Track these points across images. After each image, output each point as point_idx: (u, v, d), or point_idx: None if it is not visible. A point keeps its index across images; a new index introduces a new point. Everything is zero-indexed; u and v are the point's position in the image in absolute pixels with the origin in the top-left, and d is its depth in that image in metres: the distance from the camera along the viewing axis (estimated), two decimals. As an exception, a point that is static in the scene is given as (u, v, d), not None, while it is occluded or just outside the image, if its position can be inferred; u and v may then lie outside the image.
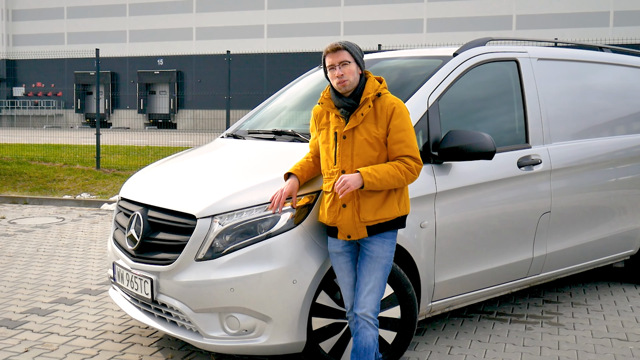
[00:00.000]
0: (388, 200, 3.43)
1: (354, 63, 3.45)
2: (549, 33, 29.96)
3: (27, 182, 12.29)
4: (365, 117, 3.43)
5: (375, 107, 3.45)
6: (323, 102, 3.57)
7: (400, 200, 3.48)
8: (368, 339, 3.43)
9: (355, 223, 3.42)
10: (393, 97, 3.50)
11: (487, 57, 4.64)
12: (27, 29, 41.38)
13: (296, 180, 3.63)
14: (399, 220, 3.49)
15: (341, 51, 3.44)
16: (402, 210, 3.49)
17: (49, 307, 5.20)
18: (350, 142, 3.44)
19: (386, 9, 34.14)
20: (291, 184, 3.61)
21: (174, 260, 3.72)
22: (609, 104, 5.60)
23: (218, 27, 37.26)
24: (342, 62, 3.43)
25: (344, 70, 3.42)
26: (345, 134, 3.45)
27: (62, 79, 39.56)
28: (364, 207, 3.40)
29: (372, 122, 3.43)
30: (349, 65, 3.43)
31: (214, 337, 3.66)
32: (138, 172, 4.80)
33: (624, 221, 5.48)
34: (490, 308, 5.19)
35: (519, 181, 4.60)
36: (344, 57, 3.43)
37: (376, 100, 3.46)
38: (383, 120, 3.42)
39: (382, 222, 3.43)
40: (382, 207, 3.41)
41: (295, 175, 3.63)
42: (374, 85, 3.49)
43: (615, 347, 4.39)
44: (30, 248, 7.39)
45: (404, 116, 3.45)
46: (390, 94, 3.52)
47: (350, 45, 3.48)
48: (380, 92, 3.47)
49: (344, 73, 3.42)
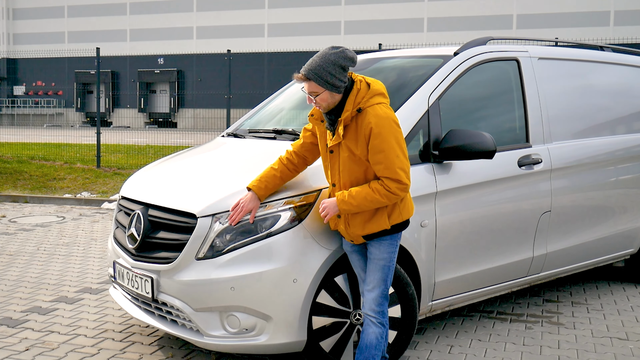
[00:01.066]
0: (377, 215, 3.39)
1: (325, 91, 3.27)
2: (549, 32, 29.95)
3: (27, 180, 12.29)
4: (347, 134, 3.35)
5: (357, 123, 3.31)
6: (314, 113, 3.55)
7: (393, 212, 3.40)
8: (370, 336, 3.46)
9: (349, 234, 3.49)
10: (374, 112, 3.27)
11: (487, 56, 4.64)
12: (28, 28, 41.38)
13: (255, 196, 3.59)
14: (394, 228, 3.45)
15: (308, 82, 3.28)
16: (394, 220, 3.42)
17: (49, 306, 5.21)
18: (337, 157, 3.43)
19: (387, 8, 34.13)
20: (253, 201, 3.57)
21: (175, 259, 3.72)
22: (609, 104, 5.60)
23: (219, 26, 37.25)
24: (310, 92, 3.32)
25: (316, 99, 3.32)
26: (332, 148, 3.44)
27: (62, 78, 39.57)
28: (353, 222, 3.43)
29: (353, 139, 3.33)
30: (320, 94, 3.30)
31: (215, 336, 3.66)
32: (138, 171, 4.80)
33: (624, 220, 5.48)
34: (490, 307, 5.19)
35: (519, 180, 4.60)
36: (312, 89, 3.29)
37: (357, 115, 3.31)
38: (362, 139, 3.30)
39: (376, 232, 3.42)
40: (370, 222, 3.40)
41: (256, 193, 3.59)
42: (356, 99, 3.30)
43: (615, 346, 4.39)
44: (30, 247, 7.40)
45: (384, 135, 3.24)
46: (376, 105, 3.30)
47: (316, 73, 3.23)
48: (361, 107, 3.29)
49: (316, 101, 3.34)
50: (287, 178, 3.69)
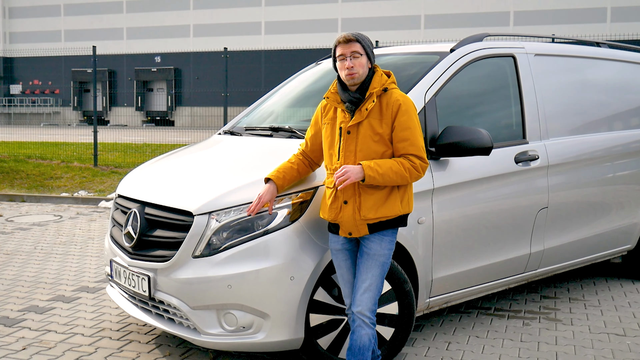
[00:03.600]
0: (390, 197, 3.37)
1: (365, 56, 3.40)
2: (546, 29, 29.95)
3: (24, 179, 12.27)
4: (370, 113, 3.37)
5: (381, 102, 3.38)
6: (329, 96, 3.52)
7: (404, 199, 3.42)
8: (363, 338, 3.40)
9: (355, 220, 3.37)
10: (400, 92, 3.43)
11: (484, 52, 4.63)
12: (24, 27, 41.28)
13: (274, 187, 3.59)
14: (400, 219, 3.44)
15: (353, 42, 3.38)
16: (404, 208, 3.42)
17: (46, 305, 5.20)
18: (354, 138, 3.38)
19: (384, 5, 34.11)
20: (270, 192, 3.57)
21: (171, 257, 3.71)
22: (606, 100, 5.60)
23: (215, 24, 37.20)
24: (353, 52, 3.37)
25: (354, 62, 3.37)
26: (349, 129, 3.39)
27: (59, 77, 39.51)
28: (365, 205, 3.35)
29: (377, 118, 3.37)
30: (359, 58, 3.38)
31: (212, 334, 3.66)
32: (135, 169, 4.79)
33: (622, 216, 5.48)
34: (488, 304, 5.19)
35: (516, 177, 4.60)
36: (356, 49, 3.38)
37: (382, 95, 3.39)
38: (388, 117, 3.36)
39: (384, 220, 3.38)
40: (384, 205, 3.35)
41: (275, 182, 3.59)
42: (381, 79, 3.42)
43: (612, 342, 4.39)
44: (27, 246, 7.39)
45: (410, 113, 3.37)
46: (398, 89, 3.45)
47: (363, 37, 3.42)
48: (387, 87, 3.40)
49: (354, 65, 3.36)
50: (303, 172, 3.68)
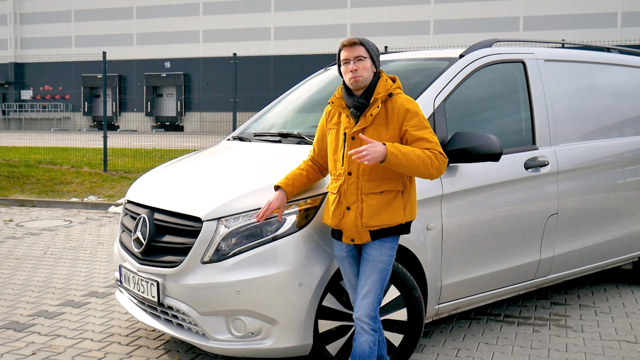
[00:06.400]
0: (394, 204, 3.34)
1: (369, 60, 3.38)
2: (556, 34, 29.87)
3: (34, 185, 12.34)
4: (375, 119, 3.35)
5: (387, 108, 3.36)
6: (334, 101, 3.51)
7: (407, 206, 3.39)
8: (363, 345, 3.36)
9: (357, 227, 3.35)
10: (406, 97, 3.40)
11: (493, 58, 4.62)
12: (35, 32, 41.61)
13: (284, 194, 3.57)
14: (403, 227, 3.41)
15: (357, 46, 3.37)
16: (407, 216, 3.39)
17: (56, 310, 5.22)
18: (359, 144, 3.35)
19: (393, 10, 34.15)
20: (280, 199, 3.56)
21: (180, 263, 3.72)
22: (616, 105, 5.57)
23: (225, 30, 37.36)
24: (357, 57, 3.36)
25: (358, 65, 3.35)
26: (354, 134, 3.38)
27: (69, 82, 39.78)
28: (367, 211, 3.32)
29: (383, 124, 3.35)
30: (363, 62, 3.36)
31: (220, 340, 3.66)
32: (144, 175, 4.81)
33: (633, 223, 5.45)
34: (497, 310, 5.16)
35: (525, 183, 4.58)
36: (360, 53, 3.36)
37: (387, 100, 3.37)
38: (394, 122, 3.34)
39: (386, 228, 3.36)
40: (386, 212, 3.33)
41: (284, 190, 3.57)
42: (386, 84, 3.40)
43: (623, 350, 4.36)
44: (37, 251, 7.42)
45: (420, 115, 3.34)
46: (403, 94, 3.42)
47: (367, 41, 3.41)
48: (392, 92, 3.38)
49: (358, 68, 3.34)
50: (313, 178, 3.67)
